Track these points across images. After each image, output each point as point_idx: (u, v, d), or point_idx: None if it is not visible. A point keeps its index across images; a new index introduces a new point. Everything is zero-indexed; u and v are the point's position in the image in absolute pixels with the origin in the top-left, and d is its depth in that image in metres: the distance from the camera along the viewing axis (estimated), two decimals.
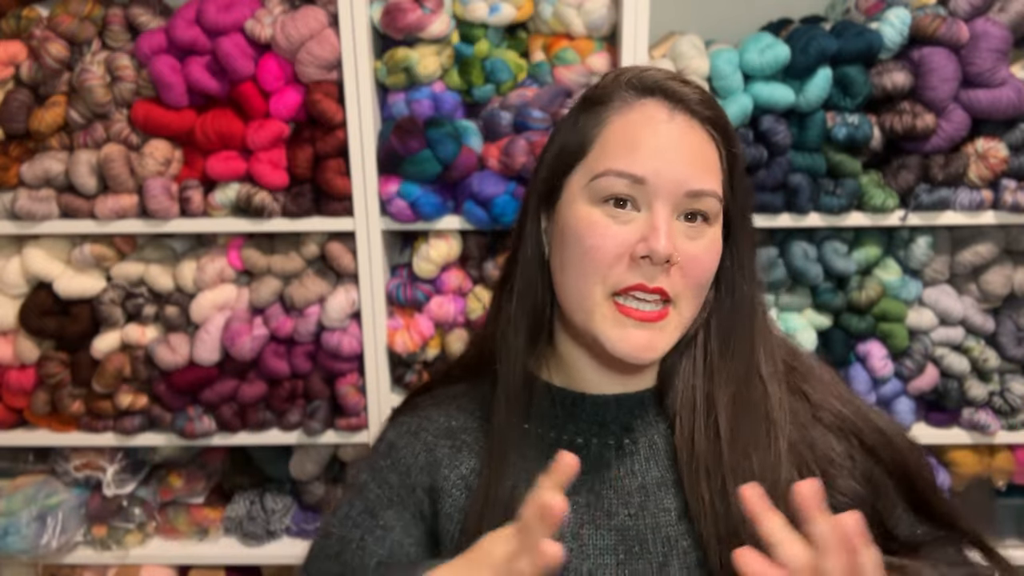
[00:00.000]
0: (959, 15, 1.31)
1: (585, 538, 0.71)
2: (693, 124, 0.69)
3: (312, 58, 1.32)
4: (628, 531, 0.71)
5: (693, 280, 0.68)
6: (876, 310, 1.42)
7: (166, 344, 1.44)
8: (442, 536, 0.74)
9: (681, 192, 0.67)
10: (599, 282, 0.68)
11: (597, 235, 0.67)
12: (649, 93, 0.70)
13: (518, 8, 1.35)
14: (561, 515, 0.54)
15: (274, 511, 1.60)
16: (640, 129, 0.68)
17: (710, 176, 0.68)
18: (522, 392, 0.76)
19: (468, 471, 0.75)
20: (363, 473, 0.79)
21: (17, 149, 1.40)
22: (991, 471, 1.55)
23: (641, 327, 0.67)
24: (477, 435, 0.77)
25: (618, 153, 0.68)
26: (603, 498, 0.72)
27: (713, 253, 0.69)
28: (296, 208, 1.38)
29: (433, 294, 1.45)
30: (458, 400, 0.81)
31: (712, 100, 0.71)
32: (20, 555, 1.52)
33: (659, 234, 0.65)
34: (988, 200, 1.38)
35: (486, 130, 1.38)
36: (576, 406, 0.76)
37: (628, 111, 0.69)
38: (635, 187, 0.67)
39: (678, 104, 0.69)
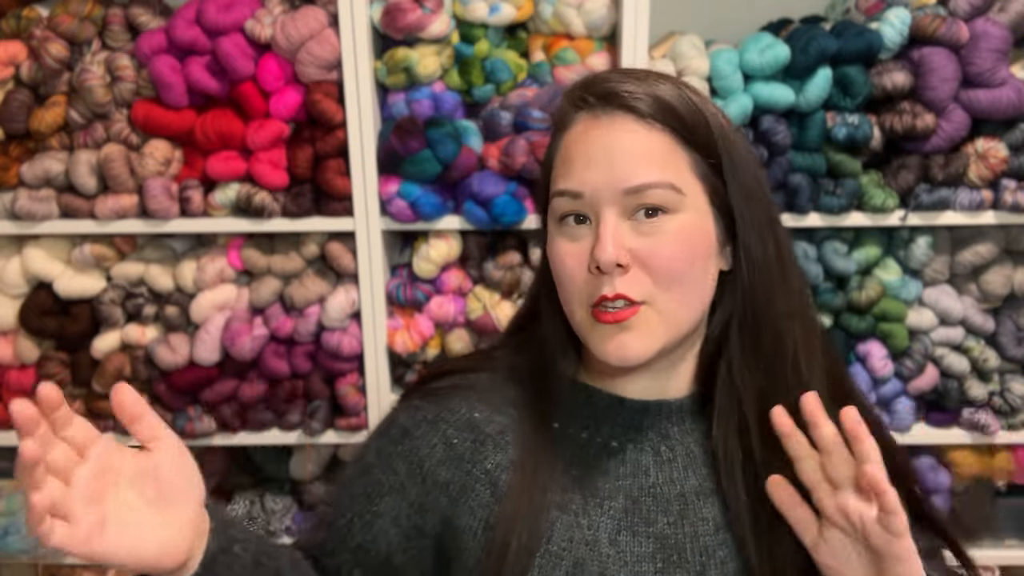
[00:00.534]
0: (959, 15, 1.31)
1: (623, 544, 0.70)
2: (625, 121, 0.67)
3: (312, 58, 1.32)
4: (667, 539, 0.70)
5: (662, 275, 0.66)
6: (876, 310, 1.42)
7: (166, 344, 1.44)
8: (462, 533, 0.72)
9: (619, 192, 0.66)
10: (576, 301, 0.69)
11: (560, 257, 0.69)
12: (581, 105, 0.70)
13: (518, 8, 1.35)
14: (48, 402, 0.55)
15: (274, 511, 1.60)
16: (574, 145, 0.69)
17: (652, 167, 0.66)
18: (557, 390, 0.76)
19: (493, 466, 0.72)
20: (370, 454, 0.77)
21: (17, 149, 1.40)
22: (991, 471, 1.55)
23: (616, 330, 0.67)
24: (501, 429, 0.74)
25: (560, 174, 0.69)
26: (641, 505, 0.71)
27: (680, 244, 0.67)
28: (296, 208, 1.38)
29: (433, 294, 1.45)
30: (480, 391, 0.78)
31: (655, 92, 0.68)
32: (20, 555, 1.52)
33: (601, 243, 0.65)
34: (988, 200, 1.38)
35: (486, 130, 1.38)
36: (613, 409, 0.75)
37: (569, 129, 0.70)
38: (577, 202, 0.67)
39: (605, 106, 0.68)
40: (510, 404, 0.76)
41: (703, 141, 0.69)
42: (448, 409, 0.75)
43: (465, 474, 0.73)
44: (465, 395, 0.77)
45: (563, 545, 0.69)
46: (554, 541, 0.69)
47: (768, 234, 0.72)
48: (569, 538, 0.69)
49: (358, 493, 0.75)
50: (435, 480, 0.73)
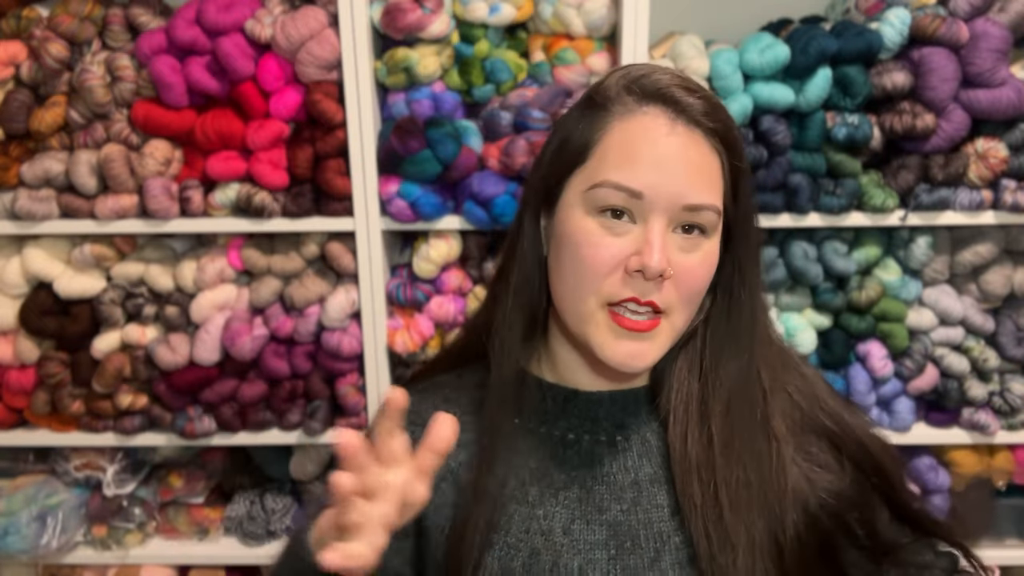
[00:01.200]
0: (959, 15, 1.31)
1: (576, 533, 0.71)
2: (695, 135, 0.67)
3: (312, 58, 1.32)
4: (620, 526, 0.71)
5: (686, 291, 0.68)
6: (876, 310, 1.42)
7: (166, 344, 1.44)
8: (431, 530, 0.74)
9: (678, 206, 0.66)
10: (593, 292, 0.67)
11: (592, 246, 0.67)
12: (651, 101, 0.68)
13: (518, 8, 1.35)
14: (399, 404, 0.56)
15: (274, 511, 1.60)
16: (639, 140, 0.67)
17: (709, 190, 0.67)
18: (514, 387, 0.76)
19: (456, 464, 0.75)
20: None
21: (17, 149, 1.40)
22: (991, 471, 1.55)
23: (632, 337, 0.67)
24: (465, 428, 0.75)
25: (617, 164, 0.67)
26: (594, 493, 0.73)
27: (708, 265, 0.69)
28: (296, 208, 1.38)
29: (433, 294, 1.45)
30: (445, 391, 0.80)
31: (718, 109, 0.69)
32: (20, 555, 1.52)
33: (652, 249, 0.65)
34: (988, 200, 1.38)
35: (486, 130, 1.38)
36: (568, 402, 0.76)
37: (629, 119, 0.68)
38: (632, 200, 0.66)
39: (681, 114, 0.67)
40: (474, 402, 0.78)
41: (737, 170, 0.71)
42: (416, 412, 0.77)
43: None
44: (432, 397, 0.79)
45: (520, 536, 0.71)
46: (511, 533, 0.71)
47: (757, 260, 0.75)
48: (525, 529, 0.71)
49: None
50: None
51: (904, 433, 1.48)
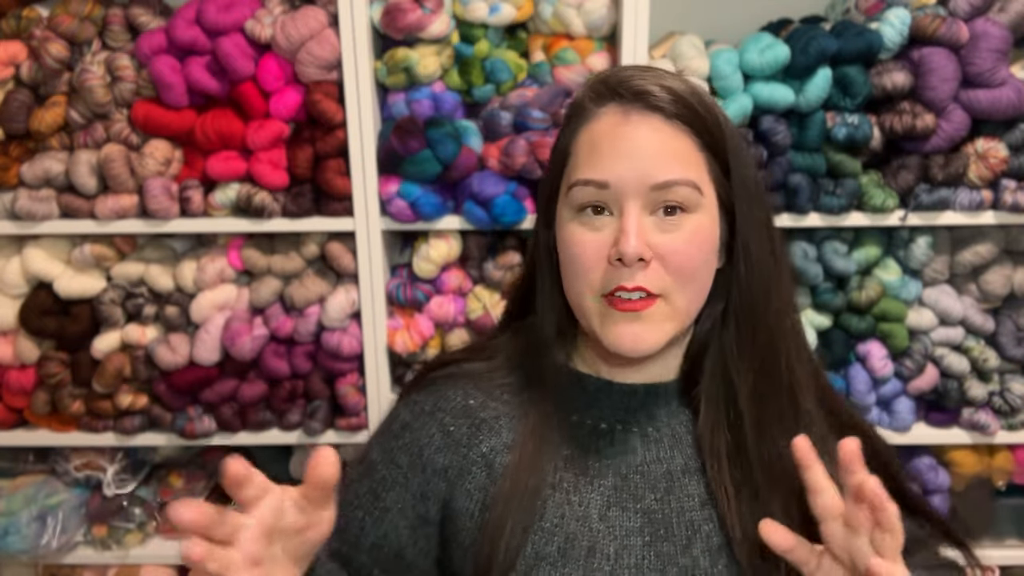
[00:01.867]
0: (959, 15, 1.31)
1: (612, 519, 0.73)
2: (653, 120, 0.69)
3: (312, 58, 1.32)
4: (654, 514, 0.73)
5: (677, 272, 0.69)
6: (876, 310, 1.42)
7: (166, 344, 1.44)
8: (459, 515, 0.75)
9: (646, 187, 0.68)
10: (587, 288, 0.71)
11: (577, 245, 0.70)
12: (605, 100, 0.72)
13: (518, 8, 1.35)
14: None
15: None
16: (599, 138, 0.70)
17: (677, 166, 0.68)
18: (551, 379, 0.78)
19: (488, 449, 0.76)
20: (374, 451, 0.80)
21: (17, 149, 1.40)
22: (991, 471, 1.54)
23: (629, 319, 0.69)
24: (496, 414, 0.77)
25: (583, 163, 0.71)
26: (629, 482, 0.74)
27: (697, 242, 0.70)
28: (296, 208, 1.38)
29: (433, 294, 1.45)
30: (475, 379, 0.81)
31: (680, 94, 0.70)
32: (20, 555, 1.52)
33: (626, 236, 0.67)
34: (988, 200, 1.38)
35: (486, 130, 1.38)
36: (602, 392, 0.78)
37: (591, 121, 0.72)
38: (602, 192, 0.69)
39: (634, 104, 0.70)
40: (504, 390, 0.79)
41: (717, 143, 0.72)
42: (444, 398, 0.79)
43: (462, 458, 0.76)
44: (461, 384, 0.80)
45: (555, 522, 0.72)
46: (546, 518, 0.72)
47: (765, 234, 0.75)
48: (561, 515, 0.72)
49: (364, 492, 0.78)
50: (434, 467, 0.76)
51: (904, 433, 1.48)
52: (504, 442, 0.76)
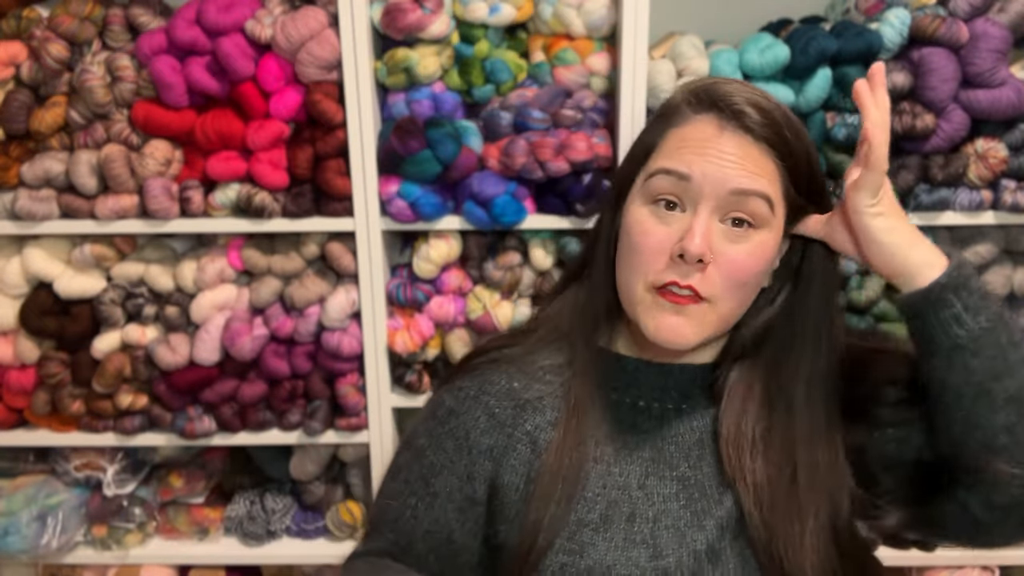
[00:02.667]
0: (959, 15, 1.31)
1: (650, 487, 0.77)
2: (744, 140, 0.73)
3: (312, 58, 1.32)
4: (688, 480, 0.78)
5: (730, 281, 0.72)
6: (876, 310, 1.42)
7: (166, 344, 1.44)
8: (505, 489, 0.78)
9: (725, 191, 0.71)
10: (641, 276, 0.74)
11: (642, 233, 0.74)
12: (706, 109, 0.75)
13: (518, 8, 1.35)
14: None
15: (274, 511, 1.60)
16: (693, 138, 0.73)
17: (759, 179, 0.72)
18: (592, 360, 0.82)
19: (532, 427, 0.79)
20: (421, 437, 0.83)
21: (17, 149, 1.40)
22: None
23: (673, 310, 0.72)
24: (540, 394, 0.81)
25: (670, 155, 0.74)
26: (664, 452, 0.79)
27: (757, 257, 0.73)
28: (296, 208, 1.38)
29: (433, 294, 1.45)
30: (517, 362, 0.84)
31: (774, 120, 0.73)
32: (20, 555, 1.52)
33: (693, 234, 0.70)
34: (988, 200, 1.38)
35: (486, 130, 1.38)
36: (640, 372, 0.82)
37: (684, 125, 0.75)
38: (681, 184, 0.72)
39: (730, 121, 0.73)
40: (547, 371, 0.83)
41: (800, 172, 0.76)
42: (488, 382, 0.82)
43: (507, 437, 0.79)
44: (504, 368, 0.84)
45: (597, 491, 0.77)
46: (589, 488, 0.77)
47: (832, 267, 0.81)
48: (603, 484, 0.77)
49: (415, 479, 0.81)
50: (479, 449, 0.79)
51: None
52: (548, 420, 0.79)
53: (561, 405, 0.80)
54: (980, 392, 0.70)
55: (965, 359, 0.70)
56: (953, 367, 0.71)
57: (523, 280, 1.43)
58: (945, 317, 0.71)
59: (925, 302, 0.71)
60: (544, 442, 0.78)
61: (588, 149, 1.31)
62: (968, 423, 0.71)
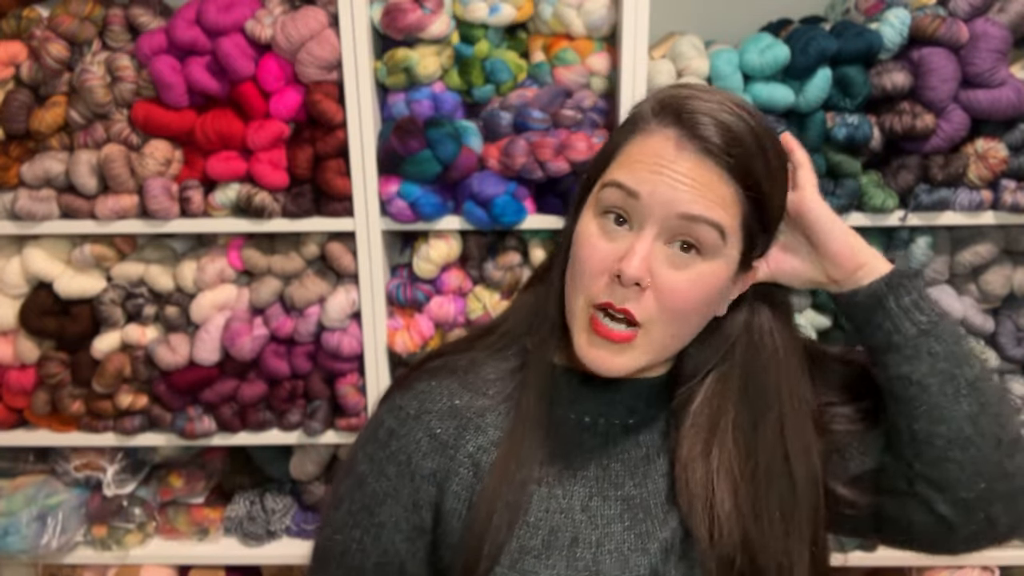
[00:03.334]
0: (959, 15, 1.31)
1: (594, 509, 0.74)
2: (704, 162, 0.67)
3: (312, 58, 1.32)
4: (633, 500, 0.75)
5: (668, 308, 0.68)
6: None
7: (166, 344, 1.44)
8: (447, 516, 0.74)
9: (673, 214, 0.66)
10: (582, 291, 0.70)
11: (588, 247, 0.70)
12: (670, 122, 0.69)
13: (518, 8, 1.35)
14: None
15: (274, 511, 1.60)
16: (650, 151, 0.69)
17: (712, 206, 0.67)
18: (543, 375, 0.78)
19: (475, 448, 0.76)
20: (361, 463, 0.78)
21: (17, 149, 1.40)
22: None
23: (604, 346, 0.69)
24: (482, 411, 0.77)
25: (625, 167, 0.70)
26: (610, 471, 0.76)
27: (700, 288, 0.68)
28: (296, 208, 1.38)
29: (433, 294, 1.45)
30: (461, 374, 0.80)
31: (743, 143, 0.68)
32: (20, 555, 1.52)
33: (632, 256, 0.66)
34: (988, 200, 1.38)
35: (486, 130, 1.38)
36: (585, 387, 0.78)
37: (647, 135, 0.70)
38: (629, 201, 0.68)
39: (692, 139, 0.68)
40: (490, 385, 0.79)
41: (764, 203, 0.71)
42: (429, 399, 0.78)
43: (449, 460, 0.75)
44: (446, 382, 0.79)
45: (540, 516, 0.73)
46: (531, 513, 0.73)
47: (782, 308, 0.80)
48: (545, 509, 0.73)
49: (358, 509, 0.76)
50: (422, 473, 0.75)
51: None
52: (491, 439, 0.76)
53: (504, 423, 0.76)
54: (944, 379, 0.70)
55: (930, 344, 0.71)
56: (919, 355, 0.71)
57: (523, 280, 1.43)
58: (906, 304, 0.71)
59: (887, 288, 0.71)
60: (486, 464, 0.74)
61: (588, 149, 1.31)
62: (932, 418, 0.71)
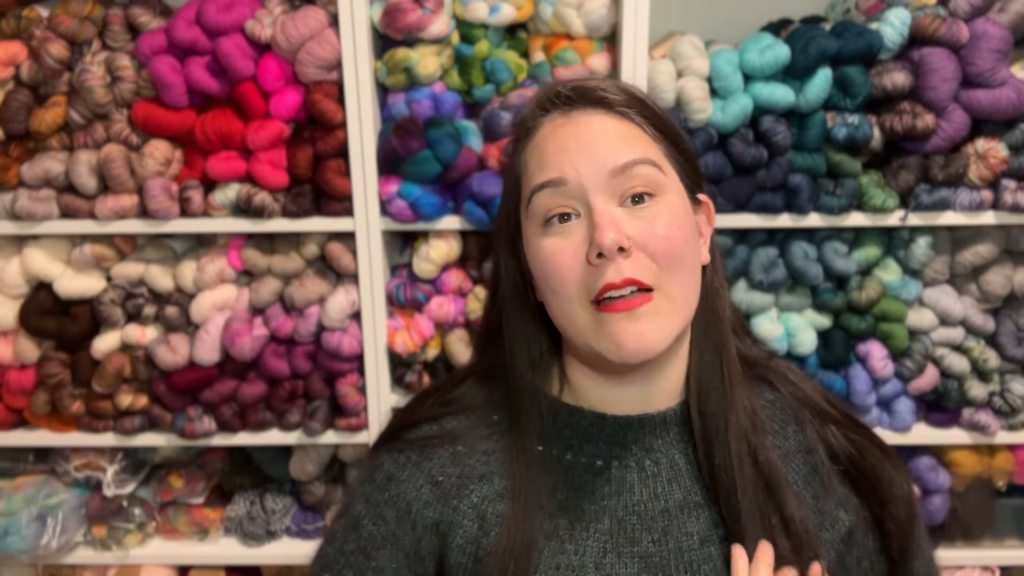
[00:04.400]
0: (959, 15, 1.31)
1: (608, 567, 0.69)
2: (595, 113, 0.67)
3: (312, 58, 1.32)
4: (651, 558, 0.69)
5: (663, 258, 0.65)
6: (876, 310, 1.42)
7: (166, 344, 1.44)
8: (452, 569, 0.71)
9: (605, 173, 0.65)
10: (574, 299, 0.66)
11: (551, 256, 0.67)
12: (544, 110, 0.70)
13: (518, 8, 1.35)
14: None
15: (274, 511, 1.60)
16: (546, 140, 0.68)
17: (633, 146, 0.66)
18: (538, 417, 0.74)
19: (479, 499, 0.72)
20: (358, 504, 0.75)
21: (17, 149, 1.40)
22: (991, 471, 1.54)
23: (628, 318, 0.64)
24: (486, 459, 0.74)
25: (536, 170, 0.68)
26: (626, 524, 0.70)
27: (675, 223, 0.66)
28: (296, 208, 1.38)
29: (433, 294, 1.45)
30: (452, 442, 0.76)
31: (615, 84, 0.69)
32: (20, 555, 1.52)
33: (601, 228, 0.63)
34: (988, 200, 1.38)
35: (486, 130, 1.38)
36: (595, 427, 0.73)
37: (535, 133, 0.70)
38: (561, 192, 0.66)
39: (572, 104, 0.68)
40: (490, 435, 0.75)
41: (668, 129, 0.70)
42: (431, 447, 0.74)
43: (452, 511, 0.72)
44: (439, 451, 0.75)
45: (549, 572, 0.68)
46: (541, 570, 0.68)
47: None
48: (556, 565, 0.68)
49: (352, 550, 0.73)
50: (424, 523, 0.72)
51: (904, 433, 1.48)
52: (496, 490, 0.72)
53: (509, 472, 0.72)
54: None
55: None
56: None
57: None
58: None
59: None
60: (492, 516, 0.70)
61: None
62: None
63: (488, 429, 0.76)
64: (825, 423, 0.77)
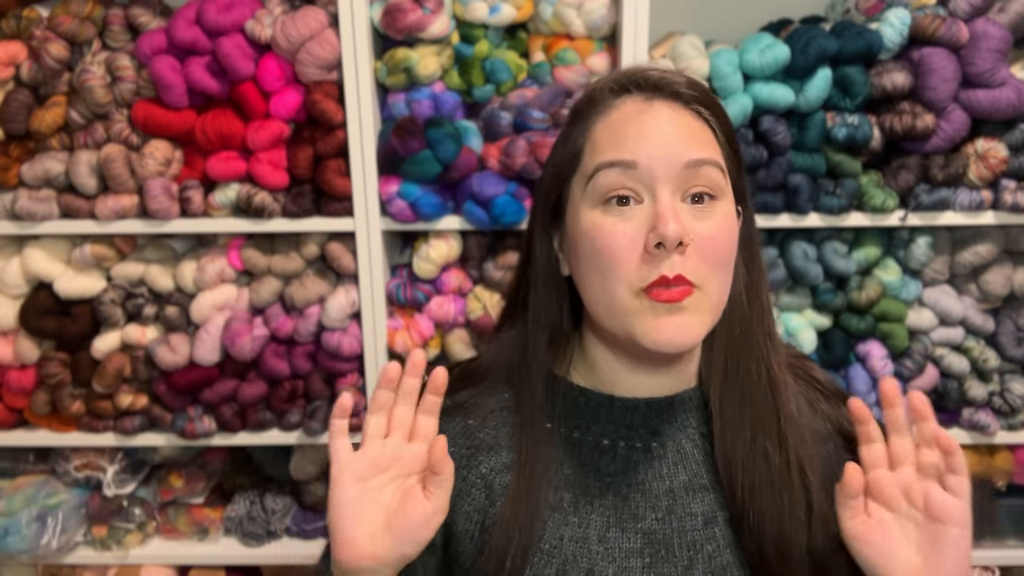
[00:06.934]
0: (959, 15, 1.31)
1: (611, 541, 0.70)
2: (675, 106, 0.68)
3: (312, 58, 1.32)
4: (655, 535, 0.71)
5: (712, 260, 0.66)
6: (876, 310, 1.42)
7: (166, 344, 1.44)
8: (459, 537, 0.73)
9: (678, 166, 0.65)
10: (621, 282, 0.66)
11: (606, 236, 0.66)
12: (625, 90, 0.70)
13: (518, 8, 1.35)
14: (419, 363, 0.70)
15: (274, 511, 1.60)
16: (624, 121, 0.68)
17: (706, 146, 0.67)
18: (547, 395, 0.76)
19: (488, 470, 0.74)
20: None
21: (17, 149, 1.40)
22: (991, 471, 1.54)
23: (671, 311, 0.65)
24: (495, 433, 0.76)
25: (607, 147, 0.68)
26: (630, 501, 0.72)
27: (728, 230, 0.67)
28: (296, 208, 1.38)
29: (433, 294, 1.45)
30: (465, 411, 0.79)
31: (695, 84, 0.70)
32: (20, 555, 1.52)
33: (665, 218, 0.63)
34: (988, 200, 1.38)
35: (486, 130, 1.38)
36: (603, 408, 0.75)
37: (609, 112, 0.70)
38: (629, 174, 0.66)
39: (656, 92, 0.69)
40: (501, 410, 0.77)
41: (734, 141, 0.71)
42: (443, 418, 0.75)
43: (461, 480, 0.74)
44: (451, 422, 0.77)
45: (554, 543, 0.70)
46: (546, 540, 0.70)
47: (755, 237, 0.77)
48: (560, 536, 0.70)
49: None
50: None
51: None
52: (504, 462, 0.74)
53: (517, 446, 0.74)
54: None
55: None
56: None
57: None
58: None
59: None
60: (499, 487, 0.72)
61: None
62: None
63: (499, 404, 0.78)
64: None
